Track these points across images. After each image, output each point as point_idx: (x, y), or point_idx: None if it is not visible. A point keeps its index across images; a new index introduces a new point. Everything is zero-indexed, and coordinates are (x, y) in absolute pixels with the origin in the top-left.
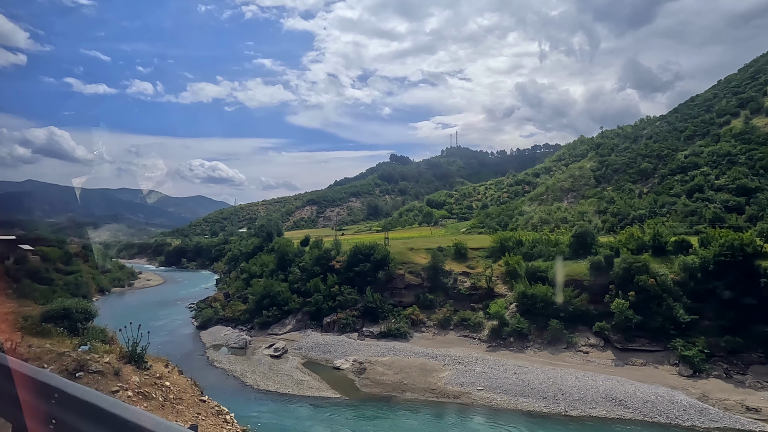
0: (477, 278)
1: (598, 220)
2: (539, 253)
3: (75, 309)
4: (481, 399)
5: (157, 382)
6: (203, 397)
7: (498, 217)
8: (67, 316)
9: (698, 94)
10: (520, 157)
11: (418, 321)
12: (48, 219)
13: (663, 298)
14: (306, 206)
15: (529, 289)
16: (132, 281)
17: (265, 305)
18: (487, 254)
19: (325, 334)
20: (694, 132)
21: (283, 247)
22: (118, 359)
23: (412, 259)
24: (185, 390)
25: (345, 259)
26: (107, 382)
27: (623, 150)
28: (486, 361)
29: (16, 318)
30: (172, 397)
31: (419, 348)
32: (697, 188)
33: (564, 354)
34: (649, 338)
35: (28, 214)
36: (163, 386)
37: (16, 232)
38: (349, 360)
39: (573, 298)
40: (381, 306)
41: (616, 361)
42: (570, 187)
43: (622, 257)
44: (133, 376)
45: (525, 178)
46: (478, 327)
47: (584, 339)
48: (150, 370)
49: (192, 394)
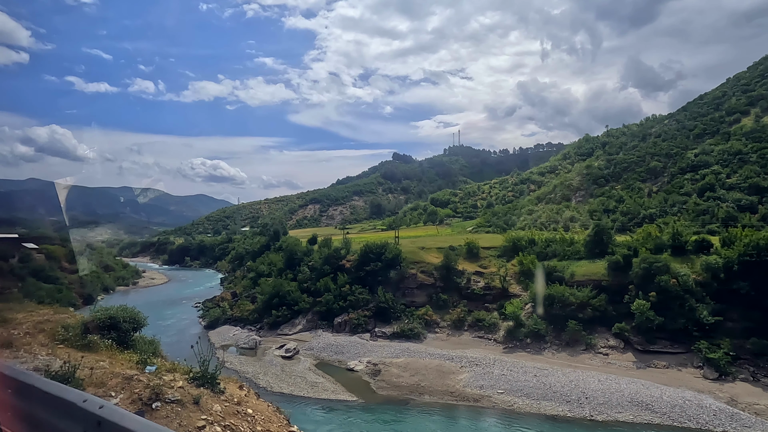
0: (490, 278)
1: (608, 219)
2: (553, 253)
3: (123, 318)
4: (502, 402)
5: (239, 410)
6: (292, 427)
7: (505, 216)
8: (115, 326)
9: (707, 92)
10: (523, 156)
11: (432, 321)
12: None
13: (685, 299)
14: (309, 205)
15: (546, 289)
16: (136, 280)
17: (275, 305)
18: (498, 253)
19: (336, 335)
20: (704, 130)
21: (292, 245)
22: (189, 381)
23: (424, 258)
24: (270, 419)
25: (355, 259)
26: (189, 415)
27: (631, 148)
28: (504, 363)
29: (54, 327)
30: (260, 430)
31: (434, 349)
32: (708, 187)
33: (583, 356)
34: (670, 340)
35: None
36: (246, 415)
37: (18, 230)
38: (363, 361)
39: (591, 299)
40: (393, 306)
41: (638, 363)
42: (578, 186)
43: (642, 257)
44: (214, 404)
45: (530, 176)
46: (493, 328)
47: (603, 340)
48: (226, 394)
49: (279, 424)
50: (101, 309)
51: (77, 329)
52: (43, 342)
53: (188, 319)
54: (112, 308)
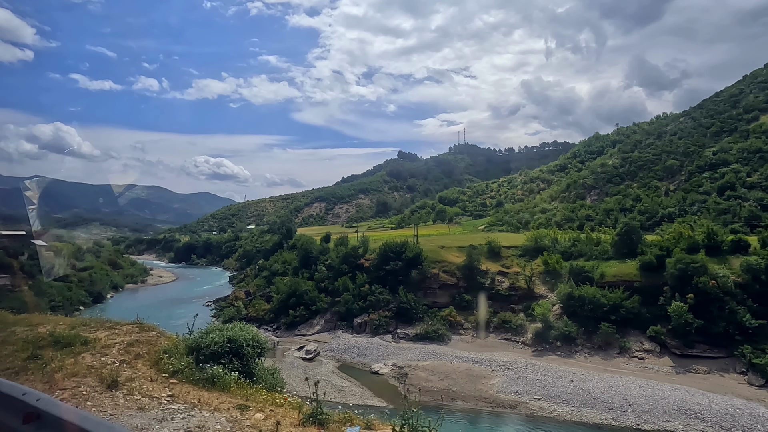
0: (515, 278)
1: (625, 218)
2: (579, 252)
3: (245, 341)
4: (540, 409)
5: None
6: None
7: (517, 214)
8: (236, 351)
9: (723, 89)
10: (528, 155)
11: (456, 323)
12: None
13: (725, 302)
14: (314, 203)
15: (576, 291)
16: (144, 278)
17: (291, 305)
18: (520, 253)
19: (356, 336)
20: (721, 128)
21: (306, 244)
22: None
23: (445, 257)
24: None
25: (374, 258)
26: None
27: (646, 146)
28: (537, 367)
29: (151, 351)
30: None
31: (460, 352)
32: (729, 186)
33: (617, 360)
34: (710, 344)
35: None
36: None
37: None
38: (388, 364)
39: (623, 300)
40: (415, 307)
41: (676, 368)
42: (593, 184)
43: (677, 257)
44: None
45: (540, 175)
46: (520, 330)
47: (638, 344)
48: None
49: None
50: (212, 329)
51: (185, 356)
52: (148, 374)
53: (201, 318)
54: (227, 328)
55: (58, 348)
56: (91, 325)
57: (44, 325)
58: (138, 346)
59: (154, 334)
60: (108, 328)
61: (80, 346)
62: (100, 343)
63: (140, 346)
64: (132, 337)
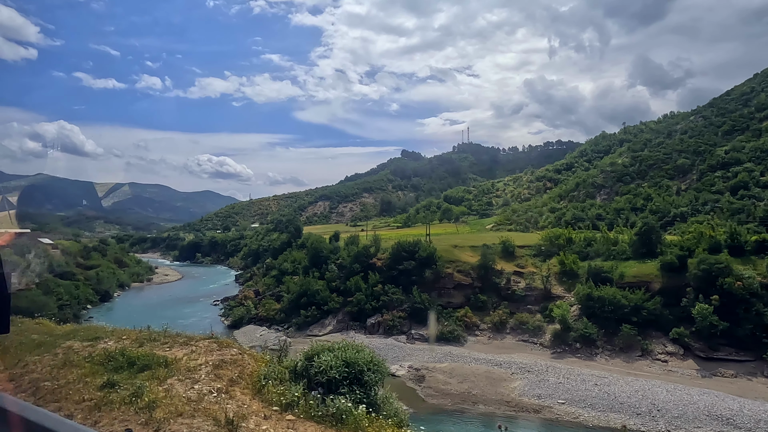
0: (531, 278)
1: (636, 217)
2: (596, 252)
3: (366, 365)
4: (565, 414)
5: None
6: None
7: (526, 213)
8: (356, 377)
9: (733, 87)
10: (532, 154)
11: (471, 324)
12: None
13: (751, 303)
14: (318, 202)
15: (596, 291)
16: (150, 276)
17: (303, 304)
18: (534, 252)
19: (369, 337)
20: (733, 127)
21: (316, 243)
22: None
23: (459, 257)
24: None
25: (387, 257)
26: None
27: (656, 145)
28: (558, 370)
29: (243, 373)
30: None
31: (477, 353)
32: (742, 185)
33: (640, 362)
34: (735, 347)
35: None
36: None
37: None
38: (404, 366)
39: (644, 302)
40: (429, 307)
41: (702, 372)
42: (602, 183)
43: (700, 258)
44: None
45: (546, 174)
46: (538, 331)
47: (660, 346)
48: None
49: None
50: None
51: (292, 383)
52: (257, 408)
53: (209, 317)
54: (339, 348)
55: (134, 371)
56: (160, 339)
57: (102, 338)
58: (226, 367)
59: (235, 351)
60: (182, 343)
61: (160, 369)
62: (183, 365)
63: (228, 368)
64: (215, 357)
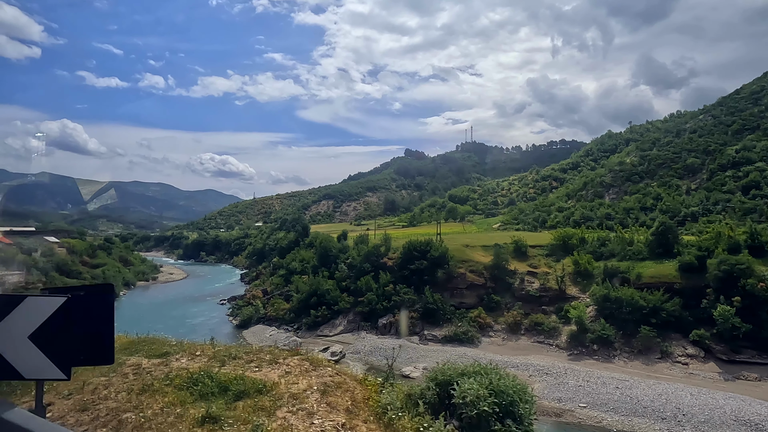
0: (545, 278)
1: (646, 217)
2: (611, 252)
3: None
4: (587, 418)
5: None
6: None
7: (533, 213)
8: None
9: (742, 86)
10: (536, 153)
11: (485, 325)
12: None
13: None
14: (322, 200)
15: (613, 292)
16: (155, 275)
17: (312, 304)
18: (546, 252)
19: (381, 337)
20: (743, 126)
21: (325, 242)
22: None
23: (471, 256)
24: None
25: (398, 257)
26: None
27: (665, 144)
28: (577, 373)
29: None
30: None
31: (492, 355)
32: (754, 184)
33: (660, 365)
34: (758, 349)
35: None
36: None
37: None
38: (419, 367)
39: (663, 303)
40: (442, 307)
41: (724, 375)
42: (611, 182)
43: (720, 258)
44: None
45: (552, 173)
46: (553, 332)
47: (680, 348)
48: None
49: None
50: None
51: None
52: None
53: (217, 317)
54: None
55: (229, 399)
56: (242, 356)
57: (171, 354)
58: (334, 393)
59: (331, 371)
60: (269, 362)
61: (262, 397)
62: (284, 391)
63: (337, 393)
64: (314, 379)
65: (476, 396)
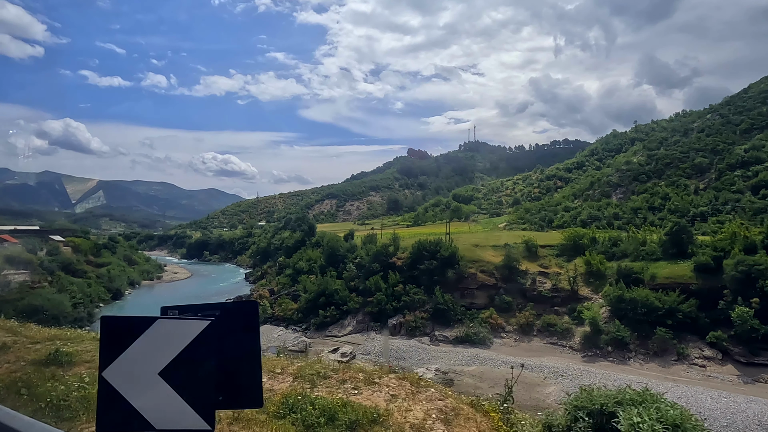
0: (556, 279)
1: (655, 217)
2: (623, 253)
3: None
4: None
5: None
6: None
7: (539, 212)
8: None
9: (750, 84)
10: (539, 153)
11: (497, 326)
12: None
13: None
14: (325, 200)
15: (627, 293)
16: (160, 274)
17: (321, 304)
18: (557, 252)
19: (392, 338)
20: (752, 125)
21: (333, 242)
22: None
23: (482, 256)
24: None
25: (407, 256)
26: None
27: (673, 143)
28: (592, 375)
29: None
30: None
31: (505, 356)
32: (763, 184)
33: (676, 367)
34: None
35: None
36: None
37: (35, 223)
38: (431, 369)
39: (679, 304)
40: (453, 308)
41: (743, 378)
42: (618, 182)
43: (737, 259)
44: None
45: (556, 173)
46: (566, 334)
47: (697, 350)
48: None
49: None
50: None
51: None
52: None
53: None
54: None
55: (340, 430)
56: (330, 375)
57: None
58: (457, 424)
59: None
60: (366, 382)
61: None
62: (399, 420)
63: (461, 423)
64: (426, 404)
65: (644, 428)
